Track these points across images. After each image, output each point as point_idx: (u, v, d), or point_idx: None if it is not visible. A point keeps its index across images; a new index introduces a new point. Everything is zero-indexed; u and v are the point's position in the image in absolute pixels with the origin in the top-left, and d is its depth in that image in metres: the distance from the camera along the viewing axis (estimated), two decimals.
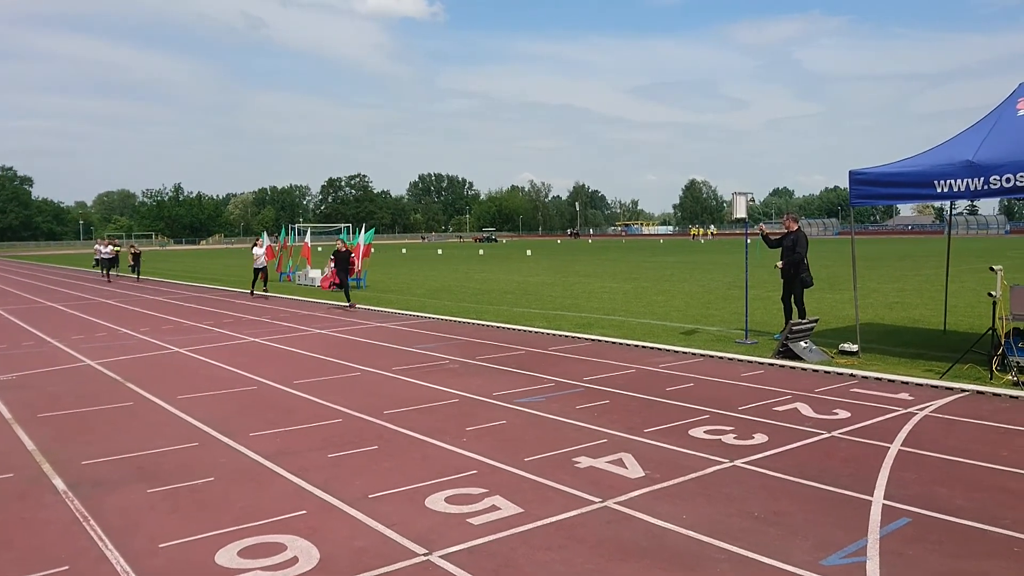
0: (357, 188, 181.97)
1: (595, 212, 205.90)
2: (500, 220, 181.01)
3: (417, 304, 19.50)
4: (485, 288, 24.21)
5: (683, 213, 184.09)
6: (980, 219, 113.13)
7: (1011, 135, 9.33)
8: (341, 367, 10.83)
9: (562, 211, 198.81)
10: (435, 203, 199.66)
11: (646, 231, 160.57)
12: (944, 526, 4.80)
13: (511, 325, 14.89)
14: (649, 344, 12.10)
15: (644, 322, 14.90)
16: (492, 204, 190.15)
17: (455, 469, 6.08)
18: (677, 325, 14.32)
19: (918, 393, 8.48)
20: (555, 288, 23.75)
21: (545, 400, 8.48)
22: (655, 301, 19.00)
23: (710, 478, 5.79)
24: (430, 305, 19.27)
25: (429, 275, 32.26)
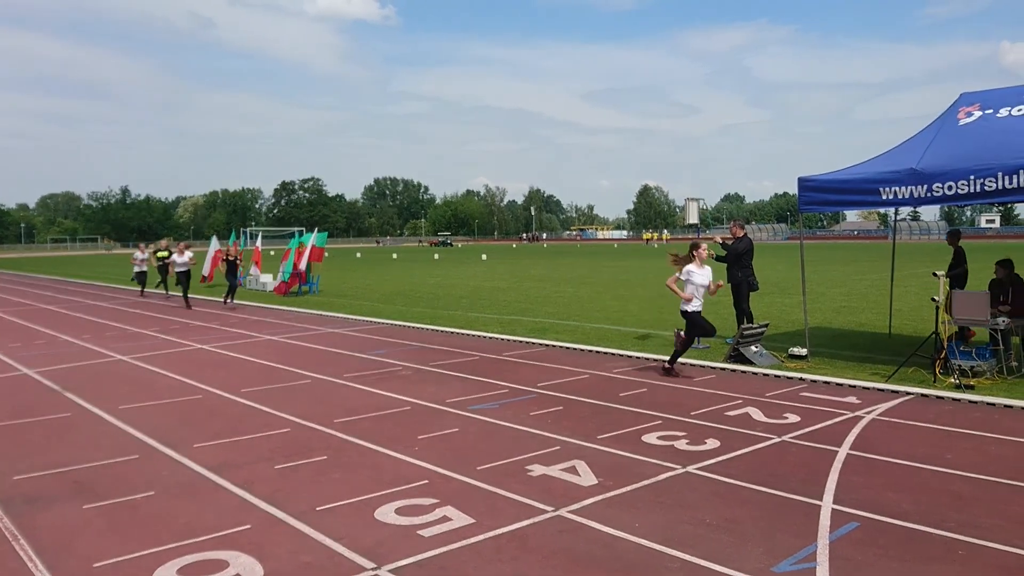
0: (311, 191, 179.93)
1: (550, 216, 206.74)
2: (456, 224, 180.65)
3: (370, 309, 19.27)
4: (440, 293, 24.05)
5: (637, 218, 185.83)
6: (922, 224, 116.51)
7: (953, 144, 9.56)
8: (291, 374, 10.61)
9: (517, 215, 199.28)
10: (390, 207, 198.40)
11: (601, 235, 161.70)
12: (892, 530, 4.85)
13: (465, 330, 14.79)
14: (603, 349, 12.12)
15: (599, 327, 14.93)
16: (448, 208, 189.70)
17: (406, 479, 5.97)
18: (631, 330, 14.38)
19: (865, 396, 8.62)
20: (510, 293, 23.70)
21: (499, 407, 8.41)
22: (610, 306, 19.07)
23: (663, 485, 5.77)
24: (384, 310, 19.05)
25: (383, 279, 31.94)
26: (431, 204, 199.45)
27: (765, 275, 27.54)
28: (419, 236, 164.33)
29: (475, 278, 31.97)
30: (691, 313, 9.96)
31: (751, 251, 12.33)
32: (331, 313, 18.57)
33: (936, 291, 9.48)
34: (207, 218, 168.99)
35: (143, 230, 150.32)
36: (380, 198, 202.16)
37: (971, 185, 8.85)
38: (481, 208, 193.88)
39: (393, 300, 21.81)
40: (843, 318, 15.60)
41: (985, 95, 10.13)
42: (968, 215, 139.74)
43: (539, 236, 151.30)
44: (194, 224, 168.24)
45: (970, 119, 9.83)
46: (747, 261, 12.23)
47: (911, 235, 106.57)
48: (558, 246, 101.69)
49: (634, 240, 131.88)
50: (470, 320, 16.51)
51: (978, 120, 9.75)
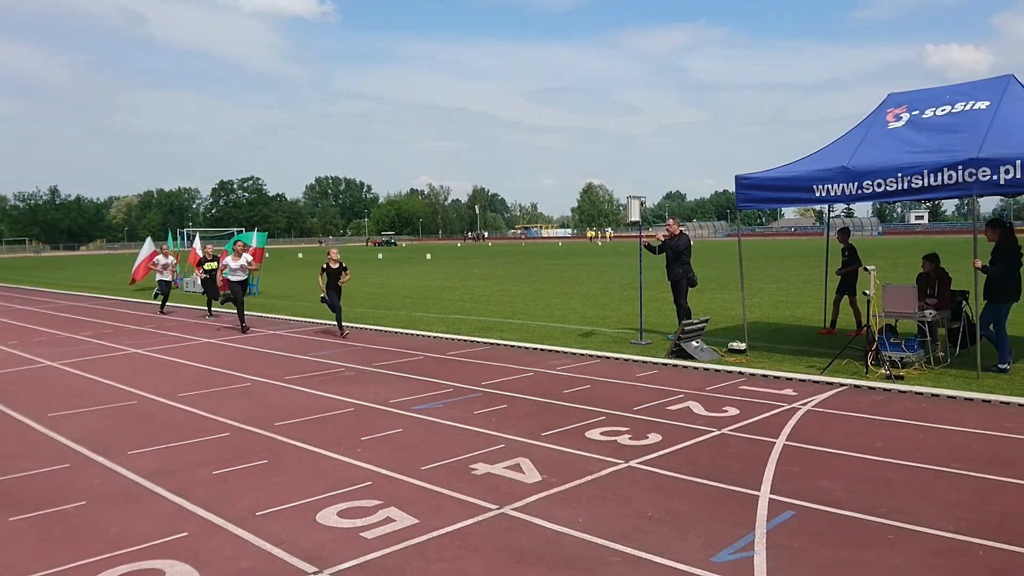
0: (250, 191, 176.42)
1: (495, 215, 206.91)
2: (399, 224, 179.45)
3: (312, 311, 18.97)
4: (383, 293, 23.85)
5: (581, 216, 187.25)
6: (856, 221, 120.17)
7: (881, 144, 9.88)
8: (230, 377, 10.39)
9: (462, 214, 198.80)
10: (333, 207, 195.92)
11: (545, 234, 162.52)
12: (826, 517, 4.99)
13: (409, 330, 14.69)
14: (547, 347, 12.17)
15: (543, 325, 15.00)
16: (391, 207, 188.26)
17: (349, 481, 5.90)
18: (575, 327, 14.48)
19: (801, 389, 8.85)
20: (455, 292, 23.64)
21: (443, 406, 8.37)
22: (554, 304, 19.18)
23: (606, 480, 5.83)
24: (326, 311, 18.78)
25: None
26: (374, 203, 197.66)
27: (705, 271, 28.06)
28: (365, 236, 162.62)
29: (419, 278, 31.79)
30: None
31: (689, 248, 12.54)
32: (272, 315, 18.25)
33: (868, 285, 9.78)
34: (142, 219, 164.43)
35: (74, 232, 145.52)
36: (322, 197, 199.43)
37: (899, 182, 9.16)
38: (425, 207, 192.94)
39: None
40: (780, 313, 15.98)
41: (911, 96, 10.50)
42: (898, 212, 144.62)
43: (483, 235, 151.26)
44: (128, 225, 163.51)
45: (899, 122, 10.16)
46: (685, 258, 12.44)
47: None
48: (503, 245, 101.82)
49: (578, 238, 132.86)
50: (414, 320, 16.41)
51: (906, 122, 10.09)
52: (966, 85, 10.19)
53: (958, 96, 9.95)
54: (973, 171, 8.57)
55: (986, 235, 9.60)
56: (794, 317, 15.18)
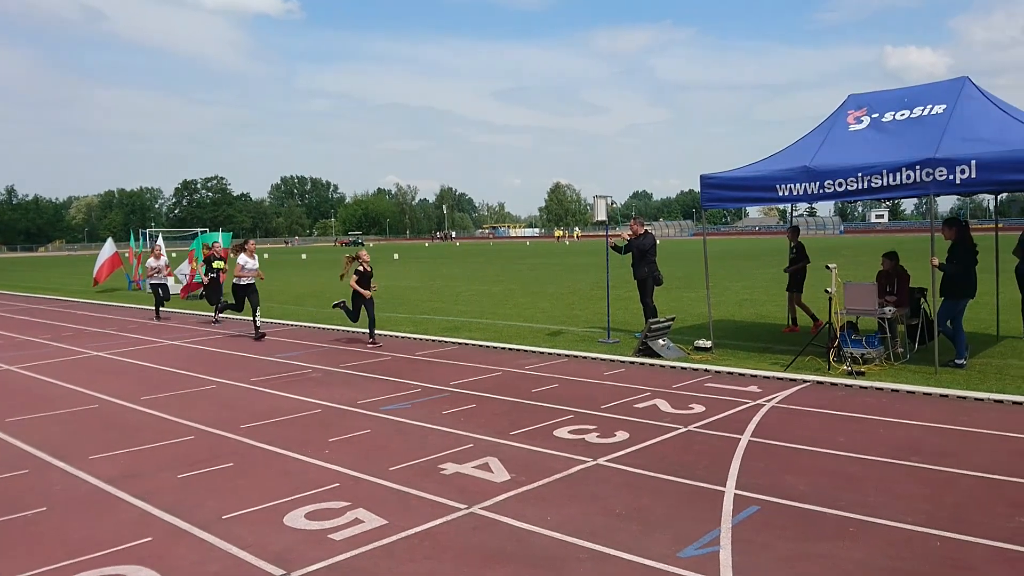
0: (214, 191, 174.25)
1: (463, 215, 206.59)
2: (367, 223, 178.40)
3: (280, 311, 18.80)
4: (350, 293, 23.65)
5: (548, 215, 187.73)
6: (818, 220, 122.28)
7: (842, 144, 10.05)
8: (194, 380, 10.26)
9: (430, 214, 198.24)
10: (299, 206, 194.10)
11: (513, 233, 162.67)
12: (789, 511, 5.08)
13: (377, 331, 14.60)
14: (516, 346, 12.20)
15: (511, 324, 15.03)
16: (358, 207, 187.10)
17: (316, 483, 5.86)
18: (543, 326, 14.53)
19: (766, 385, 8.98)
20: (422, 292, 23.57)
21: (411, 407, 8.36)
22: (522, 303, 19.22)
23: (574, 478, 5.87)
24: (293, 312, 18.63)
25: (292, 281, 31.20)
26: (341, 203, 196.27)
27: (672, 270, 28.33)
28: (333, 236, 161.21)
29: (387, 278, 31.63)
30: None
31: (655, 247, 12.66)
32: (238, 316, 18.01)
33: (829, 283, 9.95)
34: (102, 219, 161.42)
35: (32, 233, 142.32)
36: (288, 197, 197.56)
37: (859, 182, 9.34)
38: (392, 207, 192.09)
39: (303, 302, 21.34)
40: (745, 311, 16.19)
41: (870, 97, 10.69)
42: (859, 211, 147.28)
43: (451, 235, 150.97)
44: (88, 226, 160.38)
45: (859, 124, 10.35)
46: (651, 257, 12.55)
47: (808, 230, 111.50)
48: (471, 244, 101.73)
49: (546, 238, 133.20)
50: (382, 320, 16.30)
51: (866, 124, 10.28)
52: (923, 87, 10.40)
53: (916, 98, 10.16)
54: (930, 171, 8.76)
55: (943, 233, 9.82)
56: (758, 315, 15.39)
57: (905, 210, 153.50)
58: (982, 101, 9.53)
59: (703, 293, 18.39)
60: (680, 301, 18.17)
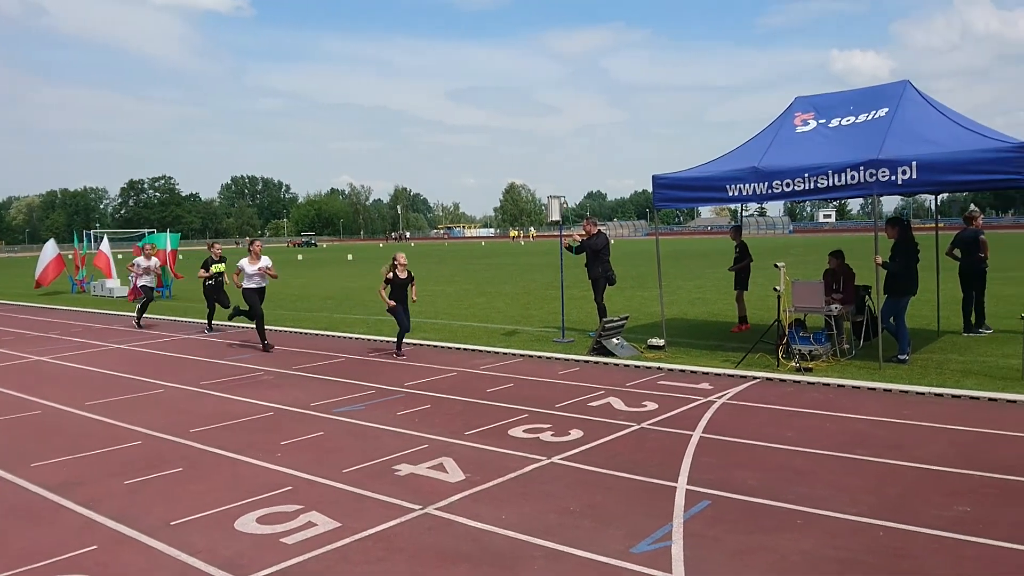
0: (162, 191, 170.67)
1: (417, 215, 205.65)
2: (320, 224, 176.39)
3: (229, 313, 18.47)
4: (304, 294, 23.41)
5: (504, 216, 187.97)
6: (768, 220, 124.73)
7: (790, 145, 10.27)
8: (142, 384, 10.03)
9: (384, 214, 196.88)
10: (250, 207, 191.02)
11: (468, 234, 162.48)
12: (739, 506, 5.17)
13: (330, 332, 14.49)
14: (471, 346, 12.19)
15: (466, 324, 15.01)
16: (311, 207, 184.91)
17: (268, 487, 5.78)
18: (498, 326, 14.55)
19: (717, 382, 9.13)
20: (376, 293, 23.37)
21: (365, 408, 8.30)
22: (476, 303, 19.21)
23: (528, 476, 5.89)
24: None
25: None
26: (293, 203, 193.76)
27: (625, 270, 28.62)
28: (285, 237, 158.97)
29: (341, 279, 31.34)
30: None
31: (607, 247, 12.77)
32: (187, 319, 17.68)
33: (778, 281, 10.16)
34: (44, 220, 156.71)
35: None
36: (239, 197, 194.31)
37: (806, 182, 9.55)
38: (346, 207, 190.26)
39: None
40: (697, 309, 16.43)
41: (816, 100, 10.94)
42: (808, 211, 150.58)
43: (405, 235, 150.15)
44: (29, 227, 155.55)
45: (806, 126, 10.58)
46: (604, 256, 12.65)
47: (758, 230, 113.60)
48: (425, 245, 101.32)
49: (501, 238, 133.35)
50: (335, 322, 16.17)
51: (812, 126, 10.52)
52: (867, 90, 10.68)
53: (860, 101, 10.42)
54: (873, 172, 9.01)
55: (886, 233, 10.10)
56: (710, 313, 15.63)
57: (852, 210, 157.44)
58: (922, 104, 9.83)
59: (656, 292, 18.61)
60: (634, 300, 18.36)
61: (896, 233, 9.95)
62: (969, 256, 12.01)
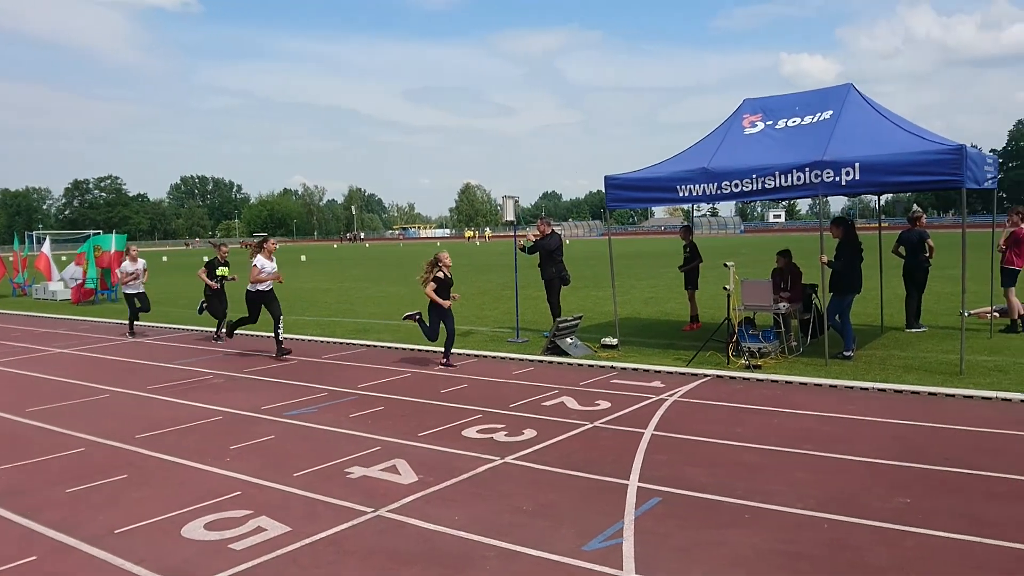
0: (108, 191, 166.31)
1: (372, 216, 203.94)
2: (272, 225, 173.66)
3: (178, 316, 18.13)
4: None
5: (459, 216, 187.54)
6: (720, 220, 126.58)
7: (738, 147, 10.44)
8: (86, 389, 9.76)
9: (338, 215, 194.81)
10: (200, 207, 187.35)
11: (424, 234, 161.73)
12: (690, 502, 5.25)
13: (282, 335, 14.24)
14: (425, 347, 12.14)
15: None
16: (263, 208, 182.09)
17: (216, 492, 5.68)
18: None
19: (669, 380, 9.24)
20: (330, 294, 23.16)
21: (317, 411, 8.21)
22: None
23: (482, 477, 5.89)
24: (193, 317, 17.96)
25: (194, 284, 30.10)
26: (245, 204, 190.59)
27: (580, 270, 28.78)
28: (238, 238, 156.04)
29: (293, 280, 30.92)
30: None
31: (561, 247, 12.84)
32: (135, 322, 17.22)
33: (727, 280, 10.32)
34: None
35: None
36: (188, 197, 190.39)
37: (754, 183, 9.71)
38: (299, 208, 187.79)
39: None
40: (651, 308, 16.62)
41: (764, 102, 11.14)
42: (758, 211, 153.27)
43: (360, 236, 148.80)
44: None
45: (755, 128, 10.77)
46: (558, 256, 12.72)
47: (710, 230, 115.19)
48: (380, 246, 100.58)
49: (457, 238, 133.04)
50: (287, 324, 15.88)
51: (761, 128, 10.71)
52: (813, 93, 10.91)
53: (806, 103, 10.64)
54: (818, 173, 9.20)
55: (831, 232, 10.34)
56: (663, 312, 15.82)
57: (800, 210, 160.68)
58: (865, 107, 10.08)
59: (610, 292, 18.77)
60: (588, 300, 18.48)
61: (840, 233, 10.19)
62: (914, 256, 12.36)
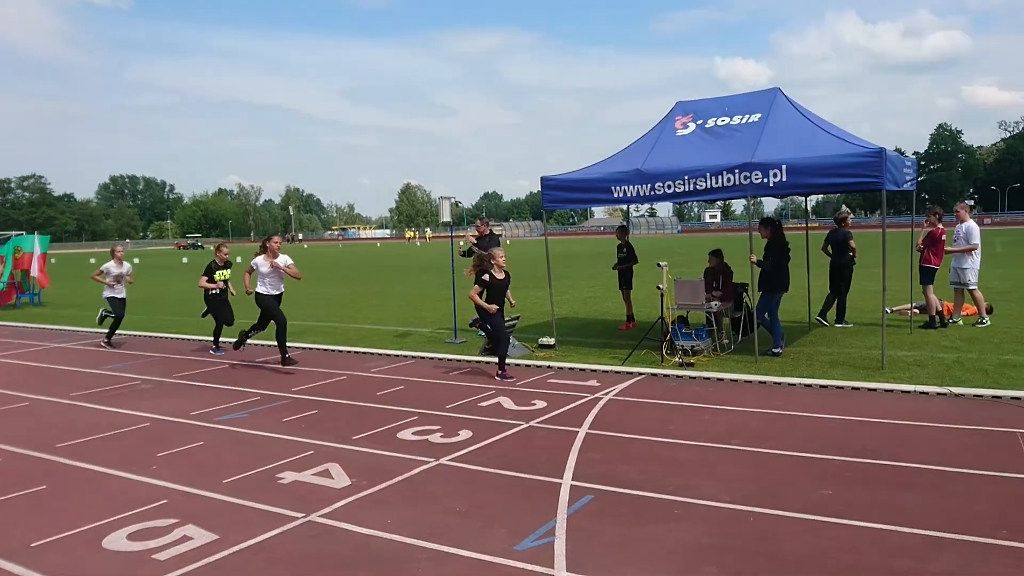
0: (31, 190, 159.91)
1: (310, 216, 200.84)
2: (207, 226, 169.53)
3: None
4: (188, 299, 22.43)
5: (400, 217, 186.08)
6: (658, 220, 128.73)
7: (670, 148, 10.62)
8: (4, 398, 9.37)
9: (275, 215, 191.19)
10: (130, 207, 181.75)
11: (364, 235, 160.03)
12: (621, 499, 5.32)
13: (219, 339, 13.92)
14: (362, 349, 12.02)
15: (358, 327, 14.79)
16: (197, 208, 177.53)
17: (141, 501, 5.51)
18: (391, 328, 14.40)
19: (604, 379, 9.35)
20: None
21: (248, 416, 8.04)
22: (370, 306, 18.96)
23: (416, 479, 5.86)
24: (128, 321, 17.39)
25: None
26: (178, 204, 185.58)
27: (520, 270, 28.87)
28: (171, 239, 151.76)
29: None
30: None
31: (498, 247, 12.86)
32: (57, 327, 16.66)
33: (661, 280, 10.50)
34: None
35: None
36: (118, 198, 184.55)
37: (686, 184, 9.89)
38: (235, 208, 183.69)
39: (134, 309, 19.95)
40: (589, 308, 16.78)
41: (696, 105, 11.36)
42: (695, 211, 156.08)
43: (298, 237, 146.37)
44: None
45: (686, 130, 10.97)
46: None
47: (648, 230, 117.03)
48: (319, 247, 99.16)
49: (397, 239, 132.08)
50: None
51: (691, 130, 10.91)
52: (742, 96, 11.17)
53: (736, 106, 10.89)
54: (747, 174, 9.43)
55: (760, 232, 10.61)
56: (601, 312, 15.99)
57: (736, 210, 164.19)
58: (791, 111, 10.36)
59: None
60: (527, 300, 18.54)
61: (769, 233, 10.46)
62: (840, 255, 12.78)
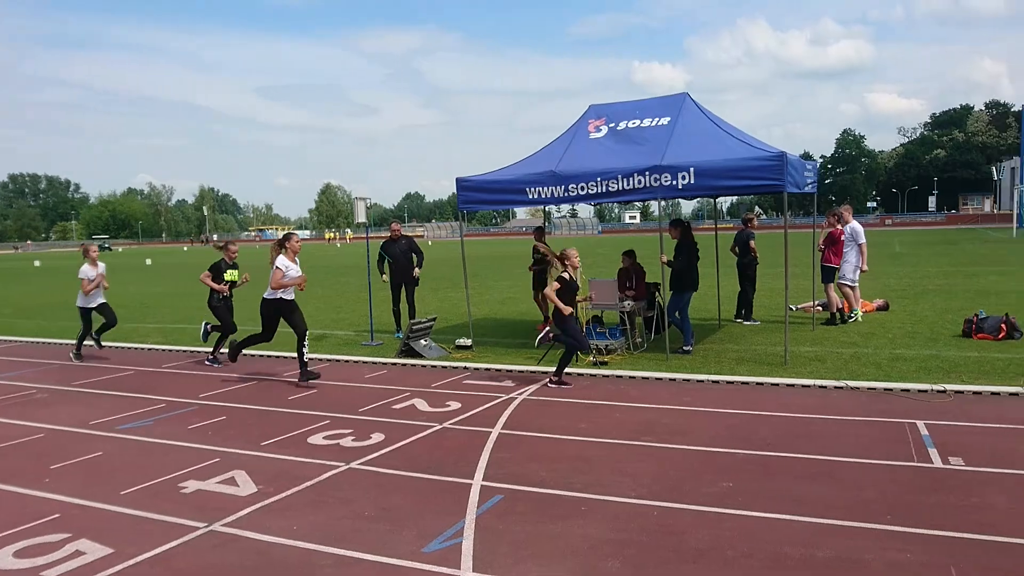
0: None
1: (226, 217, 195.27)
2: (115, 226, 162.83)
3: (3, 325, 16.64)
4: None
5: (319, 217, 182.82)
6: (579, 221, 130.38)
7: (584, 150, 10.78)
8: None
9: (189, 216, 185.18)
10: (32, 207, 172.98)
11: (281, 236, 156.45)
12: (531, 497, 5.37)
13: (120, 343, 13.43)
14: (275, 353, 11.76)
15: None
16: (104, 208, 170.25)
17: (31, 516, 5.26)
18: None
19: (519, 379, 9.41)
20: (178, 300, 21.98)
21: (152, 423, 7.77)
22: None
23: (325, 484, 5.78)
24: (20, 326, 16.58)
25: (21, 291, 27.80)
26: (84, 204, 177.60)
27: (440, 271, 28.81)
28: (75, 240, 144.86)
29: (137, 285, 29.16)
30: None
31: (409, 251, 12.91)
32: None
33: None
34: None
35: None
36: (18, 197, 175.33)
37: (599, 186, 10.06)
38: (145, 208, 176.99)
39: (33, 314, 19.05)
40: (508, 308, 16.86)
41: (608, 108, 11.55)
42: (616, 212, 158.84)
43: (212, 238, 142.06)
44: None
45: (599, 133, 11.15)
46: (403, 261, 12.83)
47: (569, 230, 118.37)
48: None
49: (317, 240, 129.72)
50: (126, 332, 14.99)
51: (604, 132, 11.10)
52: (652, 100, 11.42)
53: (646, 110, 11.13)
54: (657, 176, 9.66)
55: (670, 233, 10.88)
56: (519, 312, 16.09)
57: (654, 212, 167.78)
58: (699, 115, 10.66)
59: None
60: (445, 301, 18.52)
61: (678, 234, 10.73)
62: (745, 254, 13.23)
